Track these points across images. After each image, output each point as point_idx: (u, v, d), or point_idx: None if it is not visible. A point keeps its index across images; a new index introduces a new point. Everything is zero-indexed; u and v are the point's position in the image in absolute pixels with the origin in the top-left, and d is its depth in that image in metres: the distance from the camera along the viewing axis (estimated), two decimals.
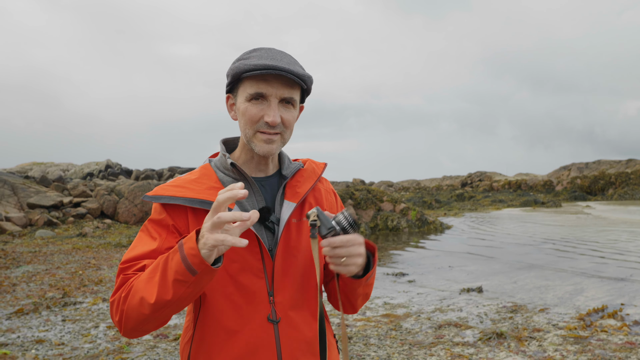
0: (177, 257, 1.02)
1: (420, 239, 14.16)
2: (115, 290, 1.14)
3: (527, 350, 4.44)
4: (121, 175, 36.45)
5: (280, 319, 1.21)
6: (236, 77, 1.20)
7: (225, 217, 0.96)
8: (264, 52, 1.22)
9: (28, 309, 6.25)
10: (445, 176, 61.31)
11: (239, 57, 1.24)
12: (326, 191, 1.39)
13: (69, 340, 4.96)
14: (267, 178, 1.30)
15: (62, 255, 11.49)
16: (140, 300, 1.06)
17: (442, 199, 33.19)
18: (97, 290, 7.41)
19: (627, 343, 4.56)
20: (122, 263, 1.17)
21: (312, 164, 1.38)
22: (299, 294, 1.25)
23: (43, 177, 22.32)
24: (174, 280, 1.02)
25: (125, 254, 1.19)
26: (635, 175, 38.64)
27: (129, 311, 1.08)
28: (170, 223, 1.21)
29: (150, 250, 1.17)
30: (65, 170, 44.55)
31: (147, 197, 1.23)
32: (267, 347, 1.19)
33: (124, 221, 19.15)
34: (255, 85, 1.18)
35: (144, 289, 1.06)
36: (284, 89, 1.20)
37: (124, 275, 1.15)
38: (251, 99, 1.20)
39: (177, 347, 4.71)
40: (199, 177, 1.27)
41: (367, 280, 1.23)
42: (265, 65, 1.16)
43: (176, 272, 1.01)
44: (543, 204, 30.05)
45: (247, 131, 1.22)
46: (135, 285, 1.08)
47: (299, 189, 1.29)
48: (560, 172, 53.22)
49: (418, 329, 5.22)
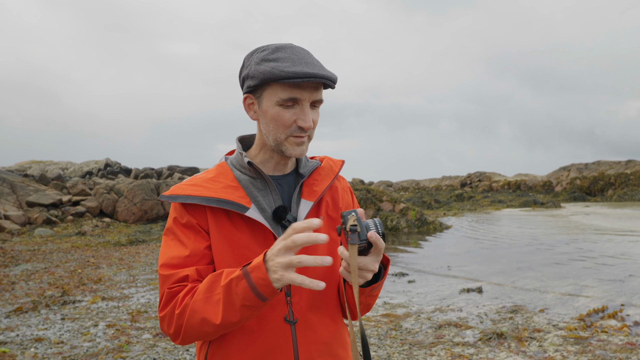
0: (244, 285, 1.02)
1: (420, 239, 14.15)
2: (163, 304, 1.14)
3: (528, 351, 4.43)
4: (120, 174, 36.43)
5: (297, 319, 1.20)
6: (267, 82, 1.17)
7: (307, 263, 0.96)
8: (290, 52, 1.18)
9: (27, 307, 6.23)
10: (444, 176, 61.32)
11: (262, 56, 1.19)
12: (343, 190, 1.37)
13: (68, 339, 4.94)
14: (284, 176, 1.29)
15: (61, 254, 11.48)
16: (202, 321, 1.07)
17: (442, 199, 33.20)
18: (96, 289, 7.40)
19: (628, 344, 4.55)
20: (162, 276, 1.17)
21: (329, 162, 1.37)
22: (316, 295, 1.24)
23: (42, 176, 22.29)
24: (241, 305, 1.03)
25: (161, 264, 1.19)
26: (635, 176, 38.66)
27: (188, 329, 1.10)
28: (195, 222, 1.20)
29: (185, 257, 1.17)
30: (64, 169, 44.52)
31: (163, 197, 1.22)
32: (284, 348, 1.18)
33: (123, 220, 19.12)
34: (289, 91, 1.15)
35: (204, 309, 1.07)
36: (315, 92, 1.18)
37: (168, 289, 1.15)
38: (282, 104, 1.17)
39: (177, 346, 4.69)
40: (216, 175, 1.26)
41: (371, 291, 1.22)
42: (306, 73, 1.13)
43: (244, 299, 1.03)
44: (542, 205, 30.07)
45: (279, 135, 1.20)
46: (192, 306, 1.09)
47: (316, 188, 1.28)
48: (560, 172, 53.25)
49: (418, 328, 5.21)
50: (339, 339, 1.28)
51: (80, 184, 21.29)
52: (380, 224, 1.09)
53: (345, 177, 1.46)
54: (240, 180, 1.24)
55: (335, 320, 1.28)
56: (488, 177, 51.31)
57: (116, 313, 5.97)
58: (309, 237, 0.95)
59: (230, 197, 1.18)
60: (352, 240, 1.06)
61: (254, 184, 1.25)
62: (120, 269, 9.25)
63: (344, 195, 1.37)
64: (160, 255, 1.20)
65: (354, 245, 1.07)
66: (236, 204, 1.18)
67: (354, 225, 1.06)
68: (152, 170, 35.87)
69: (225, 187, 1.22)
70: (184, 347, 4.64)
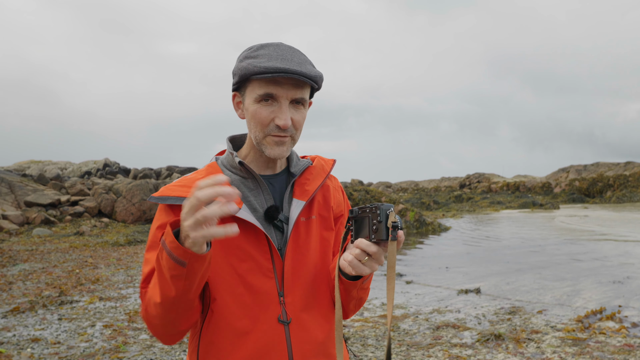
0: (164, 254, 1.01)
1: (419, 240, 14.15)
2: (142, 309, 1.16)
3: (525, 352, 4.42)
4: (119, 174, 36.40)
5: (291, 319, 1.19)
6: (244, 78, 1.17)
7: (209, 213, 0.92)
8: (272, 49, 1.17)
9: (24, 307, 6.21)
10: (443, 177, 61.36)
11: (246, 54, 1.20)
12: (334, 189, 1.36)
13: (65, 339, 4.93)
14: (276, 176, 1.28)
15: (59, 254, 11.46)
16: (154, 306, 1.09)
17: (441, 200, 33.21)
18: (93, 289, 7.38)
19: (626, 345, 4.54)
20: (142, 281, 1.18)
21: (320, 161, 1.36)
22: (309, 294, 1.23)
23: (40, 176, 22.26)
24: (170, 276, 1.02)
25: (143, 269, 1.19)
26: (634, 178, 38.71)
27: (151, 320, 1.11)
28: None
29: None
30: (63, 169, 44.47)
31: (153, 198, 1.20)
32: (277, 348, 1.17)
33: (121, 220, 19.10)
34: (265, 86, 1.15)
35: (153, 294, 1.09)
36: (294, 90, 1.16)
37: (143, 291, 1.16)
38: (260, 100, 1.16)
39: (174, 347, 4.68)
40: (206, 176, 1.23)
41: (362, 283, 1.20)
42: (277, 68, 1.12)
43: (169, 269, 1.01)
44: (541, 206, 30.09)
45: (257, 134, 1.19)
46: (147, 295, 1.11)
47: (308, 187, 1.27)
48: (559, 174, 53.29)
49: (416, 330, 5.20)
50: (333, 338, 1.27)
51: (79, 184, 21.26)
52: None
53: (344, 178, 1.44)
54: (230, 181, 1.23)
55: (329, 319, 1.27)
56: (487, 179, 51.35)
57: (113, 313, 5.95)
58: (213, 190, 0.91)
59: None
60: (394, 237, 1.05)
61: (245, 183, 1.23)
62: (118, 269, 9.23)
63: (336, 194, 1.36)
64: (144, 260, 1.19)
65: (394, 242, 1.06)
66: None
67: (396, 222, 1.05)
68: (151, 170, 35.85)
69: None
70: (181, 348, 4.63)
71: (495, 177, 51.93)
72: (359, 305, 1.29)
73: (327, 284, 1.28)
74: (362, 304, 1.31)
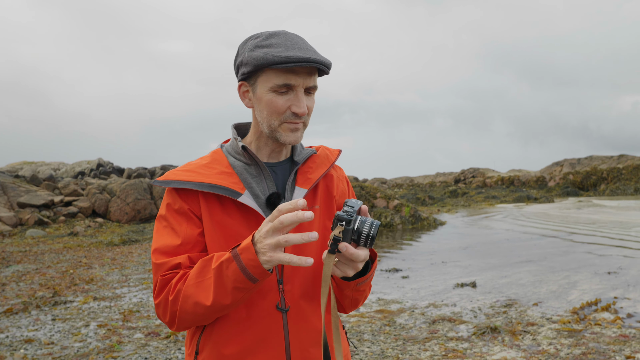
0: (234, 267, 1.03)
1: (414, 235, 14.16)
2: (157, 292, 1.15)
3: (521, 344, 4.42)
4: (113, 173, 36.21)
5: (289, 307, 1.19)
6: (259, 68, 1.16)
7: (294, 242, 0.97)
8: (283, 38, 1.17)
9: (17, 308, 6.16)
10: (438, 173, 61.49)
11: (255, 42, 1.19)
12: (338, 178, 1.37)
13: (59, 340, 4.88)
14: (279, 163, 1.29)
15: (53, 255, 11.37)
16: (194, 305, 1.09)
17: (436, 196, 33.27)
18: (88, 289, 7.33)
19: (621, 336, 4.55)
20: (155, 264, 1.18)
21: (325, 151, 1.36)
22: (309, 283, 1.23)
23: (33, 176, 22.10)
24: (233, 288, 1.04)
25: (153, 252, 1.19)
26: (627, 171, 38.92)
27: (182, 314, 1.11)
28: (187, 207, 1.20)
29: (177, 246, 1.18)
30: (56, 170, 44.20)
31: (157, 181, 1.22)
32: (275, 336, 1.18)
33: (116, 220, 19.00)
34: (283, 76, 1.15)
35: (196, 294, 1.08)
36: (309, 78, 1.18)
37: (161, 277, 1.15)
38: (277, 90, 1.17)
39: (168, 344, 4.65)
40: (210, 162, 1.26)
41: (356, 284, 1.20)
42: (298, 57, 1.12)
43: (235, 281, 1.04)
44: (536, 200, 30.21)
45: (273, 122, 1.20)
46: (185, 291, 1.10)
47: (311, 175, 1.27)
48: (553, 167, 53.53)
49: (412, 324, 5.20)
50: (332, 328, 1.27)
51: (72, 184, 21.12)
52: (376, 226, 1.05)
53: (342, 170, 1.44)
54: (234, 167, 1.24)
55: (328, 309, 1.27)
56: (482, 173, 51.50)
57: (108, 313, 5.91)
58: (295, 217, 0.95)
59: (224, 183, 1.18)
60: (331, 250, 1.05)
61: (248, 170, 1.24)
62: (113, 269, 9.18)
63: (339, 184, 1.36)
64: (153, 241, 1.21)
65: (331, 255, 1.05)
66: (229, 189, 1.18)
67: (338, 237, 1.04)
68: (145, 169, 35.68)
69: (219, 173, 1.21)
70: (176, 346, 4.60)
71: (489, 172, 52.10)
72: (354, 305, 1.29)
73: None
74: (358, 305, 1.30)
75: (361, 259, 1.08)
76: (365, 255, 1.08)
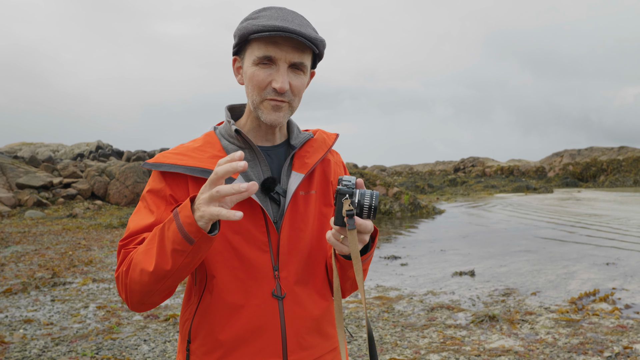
0: (174, 226, 0.98)
1: (413, 223, 14.18)
2: (117, 266, 1.12)
3: (519, 333, 4.44)
4: (112, 156, 36.13)
5: (285, 294, 1.17)
6: (243, 38, 1.13)
7: (224, 191, 0.92)
8: (274, 11, 1.14)
9: (16, 289, 6.17)
10: (438, 161, 61.43)
11: (247, 16, 1.16)
12: (335, 163, 1.33)
13: (58, 320, 4.89)
14: (274, 147, 1.24)
15: (52, 236, 11.38)
16: (140, 272, 1.04)
17: (435, 184, 33.29)
18: (87, 271, 7.33)
19: (619, 326, 4.57)
20: (122, 239, 1.15)
21: (322, 135, 1.32)
22: (305, 269, 1.20)
23: (32, 157, 22.04)
24: (172, 250, 0.99)
25: (126, 229, 1.17)
26: (627, 163, 38.91)
27: (131, 284, 1.06)
28: (169, 193, 1.16)
29: (149, 224, 1.14)
30: (55, 151, 44.09)
31: (147, 164, 1.18)
32: (271, 323, 1.15)
33: (115, 202, 19.00)
34: (264, 47, 1.11)
35: (143, 260, 1.03)
36: (294, 52, 1.12)
37: (124, 250, 1.12)
38: (259, 63, 1.12)
39: (167, 327, 4.66)
40: (202, 145, 1.21)
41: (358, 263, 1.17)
42: (275, 26, 1.08)
43: (174, 242, 0.98)
44: (535, 190, 30.24)
45: (254, 98, 1.15)
46: (135, 258, 1.06)
47: (308, 160, 1.23)
48: (553, 158, 53.49)
49: (410, 311, 5.21)
50: (328, 316, 1.24)
51: (72, 166, 21.08)
52: (376, 196, 1.05)
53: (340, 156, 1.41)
54: (227, 150, 1.20)
55: (325, 296, 1.24)
56: (481, 162, 51.46)
57: (107, 295, 5.92)
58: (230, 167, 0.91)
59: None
60: (351, 226, 1.03)
61: None
62: (112, 251, 9.18)
63: (336, 169, 1.32)
64: (129, 220, 1.18)
65: (352, 231, 1.04)
66: None
67: (351, 211, 1.03)
68: (144, 152, 35.60)
69: (212, 157, 1.17)
70: (175, 329, 4.61)
71: (489, 161, 52.05)
72: (354, 287, 1.26)
73: (323, 260, 1.25)
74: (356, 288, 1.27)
75: (369, 230, 1.07)
76: (372, 226, 1.07)
